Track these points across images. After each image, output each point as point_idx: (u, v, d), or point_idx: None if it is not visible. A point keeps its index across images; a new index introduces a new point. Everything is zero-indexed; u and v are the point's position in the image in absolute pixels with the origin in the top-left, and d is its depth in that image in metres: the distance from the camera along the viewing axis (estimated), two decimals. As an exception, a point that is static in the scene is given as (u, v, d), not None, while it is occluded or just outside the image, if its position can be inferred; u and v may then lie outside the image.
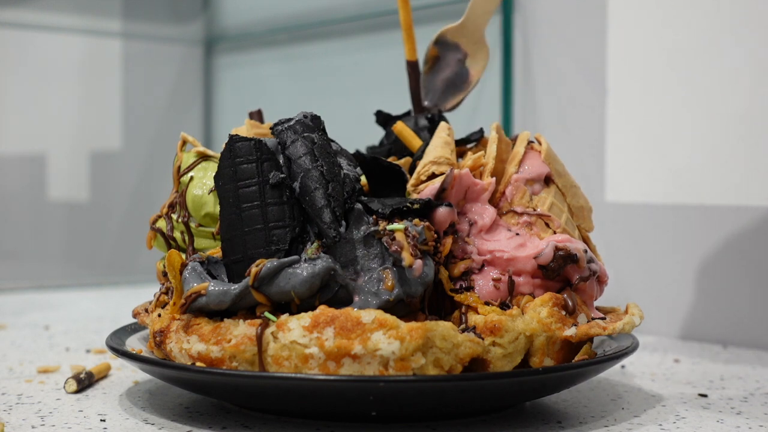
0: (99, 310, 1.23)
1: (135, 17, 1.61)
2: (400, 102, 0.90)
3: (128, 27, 1.61)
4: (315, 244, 0.63)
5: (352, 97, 1.42)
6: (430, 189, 0.67)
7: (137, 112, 1.60)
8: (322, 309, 0.60)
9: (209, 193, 0.72)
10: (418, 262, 0.61)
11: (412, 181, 0.70)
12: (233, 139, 0.65)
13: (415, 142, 0.76)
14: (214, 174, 0.70)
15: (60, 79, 1.54)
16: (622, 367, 0.85)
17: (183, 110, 1.65)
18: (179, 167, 0.74)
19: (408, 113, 0.81)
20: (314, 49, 1.49)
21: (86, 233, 1.55)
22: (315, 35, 1.48)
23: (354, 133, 1.08)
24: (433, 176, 0.70)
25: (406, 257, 0.61)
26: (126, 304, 1.20)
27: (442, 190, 0.66)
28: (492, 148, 0.71)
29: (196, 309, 0.63)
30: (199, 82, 1.67)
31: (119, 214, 1.58)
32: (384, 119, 0.81)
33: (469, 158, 0.71)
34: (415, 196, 0.68)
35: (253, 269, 0.61)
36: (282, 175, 0.64)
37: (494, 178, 0.70)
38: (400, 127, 0.77)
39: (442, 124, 0.75)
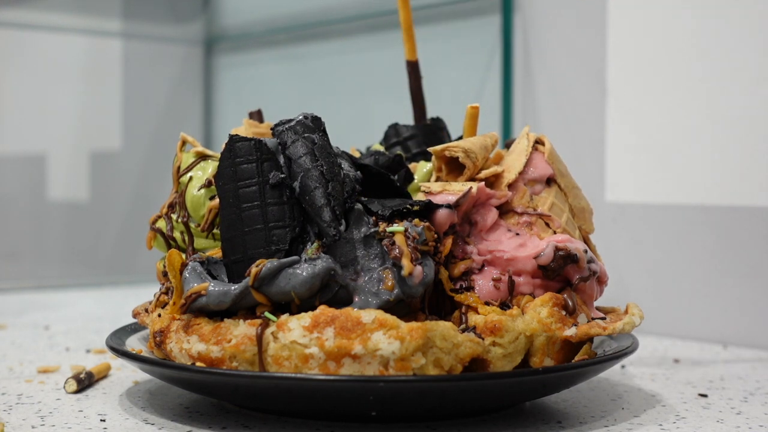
0: (99, 310, 1.22)
1: (135, 17, 1.61)
2: (400, 102, 0.90)
3: (128, 27, 1.61)
4: (315, 244, 0.63)
5: (352, 97, 1.42)
6: (443, 199, 0.67)
7: (137, 112, 1.60)
8: (322, 309, 0.60)
9: (199, 190, 0.71)
10: (418, 269, 0.61)
11: (438, 149, 0.69)
12: (233, 139, 0.65)
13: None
14: (213, 174, 0.70)
15: (60, 79, 1.53)
16: (622, 367, 0.85)
17: (183, 110, 1.65)
18: (179, 167, 0.74)
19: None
20: (314, 49, 1.49)
21: (86, 233, 1.55)
22: (315, 35, 1.48)
23: (354, 133, 1.08)
24: (456, 162, 0.69)
25: (406, 265, 0.61)
26: (126, 304, 1.20)
27: (457, 204, 0.66)
28: (520, 161, 0.70)
29: (196, 309, 0.63)
30: (199, 82, 1.66)
31: (119, 214, 1.58)
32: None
33: (487, 170, 0.70)
34: (421, 196, 0.68)
35: (253, 269, 0.61)
36: (282, 175, 0.63)
37: (511, 193, 0.69)
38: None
39: (492, 133, 0.74)
